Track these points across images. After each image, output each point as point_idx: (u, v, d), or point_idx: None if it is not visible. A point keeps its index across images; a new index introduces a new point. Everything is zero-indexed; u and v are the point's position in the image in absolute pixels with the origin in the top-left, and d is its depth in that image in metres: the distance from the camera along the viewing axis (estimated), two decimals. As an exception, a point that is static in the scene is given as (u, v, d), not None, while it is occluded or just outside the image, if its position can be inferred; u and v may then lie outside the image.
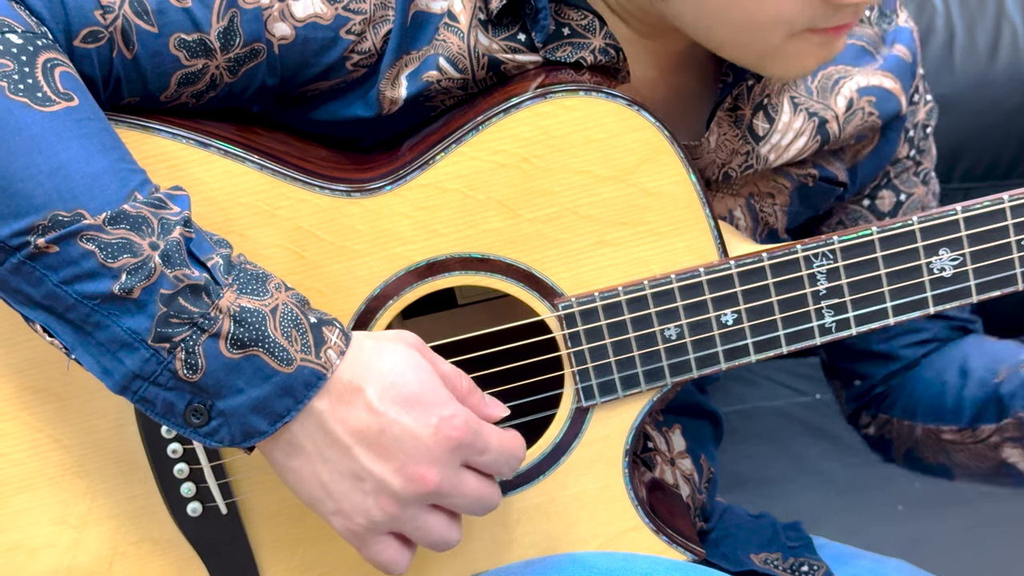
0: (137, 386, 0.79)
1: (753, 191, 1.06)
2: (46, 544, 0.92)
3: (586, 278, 0.93)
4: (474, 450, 0.83)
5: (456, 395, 0.85)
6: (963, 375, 1.13)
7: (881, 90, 1.08)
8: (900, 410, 1.18)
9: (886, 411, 1.20)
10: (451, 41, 0.93)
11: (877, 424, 1.22)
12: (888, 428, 1.20)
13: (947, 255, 0.93)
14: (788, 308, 0.94)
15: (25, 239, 0.76)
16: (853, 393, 1.23)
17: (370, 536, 0.84)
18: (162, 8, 0.86)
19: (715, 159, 1.02)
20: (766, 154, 1.04)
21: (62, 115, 0.78)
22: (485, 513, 0.87)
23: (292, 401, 0.80)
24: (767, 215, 1.07)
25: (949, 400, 1.13)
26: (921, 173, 1.15)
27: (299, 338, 0.80)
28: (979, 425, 1.09)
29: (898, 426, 1.19)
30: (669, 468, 1.08)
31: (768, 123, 1.03)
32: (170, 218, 0.79)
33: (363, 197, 0.90)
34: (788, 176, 1.07)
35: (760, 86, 1.02)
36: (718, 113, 1.01)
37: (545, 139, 0.90)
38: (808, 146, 1.05)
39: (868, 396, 1.22)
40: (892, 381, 1.20)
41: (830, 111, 1.05)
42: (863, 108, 1.07)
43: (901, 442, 1.19)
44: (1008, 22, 2.00)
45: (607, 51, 0.94)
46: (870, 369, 1.20)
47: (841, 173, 1.09)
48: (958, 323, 1.20)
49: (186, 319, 0.78)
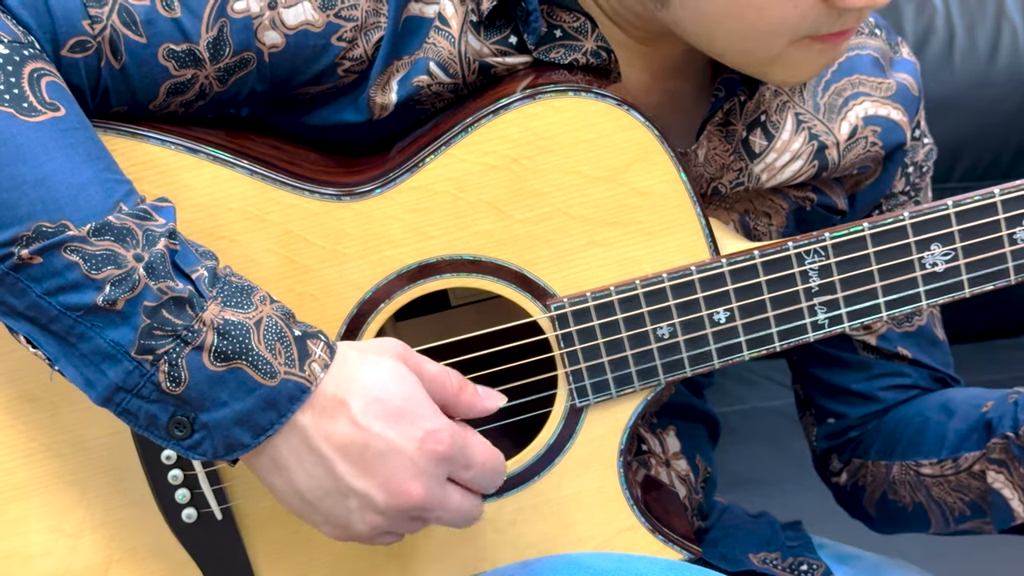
0: (120, 398, 0.79)
1: (748, 208, 1.05)
2: (42, 552, 0.92)
3: (578, 278, 0.93)
4: (459, 464, 0.83)
5: (447, 395, 0.85)
6: (946, 412, 1.09)
7: (888, 121, 1.06)
8: (876, 452, 1.14)
9: (861, 455, 1.16)
10: (441, 45, 0.93)
11: (850, 470, 1.17)
12: (862, 473, 1.16)
13: (939, 250, 0.93)
14: (780, 305, 0.93)
15: (9, 250, 0.76)
16: (825, 431, 1.18)
17: (363, 540, 0.85)
18: (151, 18, 0.86)
19: (703, 173, 1.01)
20: (759, 173, 1.02)
21: (48, 125, 0.78)
22: (466, 526, 0.87)
23: (275, 415, 0.80)
24: (761, 234, 1.06)
25: (931, 435, 1.09)
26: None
27: (283, 351, 0.80)
28: (960, 454, 1.05)
29: (873, 469, 1.14)
30: (664, 470, 1.08)
31: (767, 140, 1.02)
32: (155, 230, 0.79)
33: (353, 201, 0.90)
34: (786, 197, 1.06)
35: (753, 103, 1.01)
36: (708, 127, 1.00)
37: (535, 140, 0.90)
38: (803, 170, 1.03)
39: (842, 438, 1.17)
40: (868, 424, 1.16)
41: (831, 137, 1.03)
42: (866, 137, 1.05)
43: (875, 486, 1.15)
44: (1008, 22, 2.00)
45: (599, 53, 0.94)
46: (846, 408, 1.16)
47: (840, 201, 1.07)
48: (940, 375, 1.15)
49: (169, 331, 0.78)
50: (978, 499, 1.06)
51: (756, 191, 1.05)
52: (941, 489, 1.08)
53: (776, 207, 1.06)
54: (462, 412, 0.86)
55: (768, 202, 1.06)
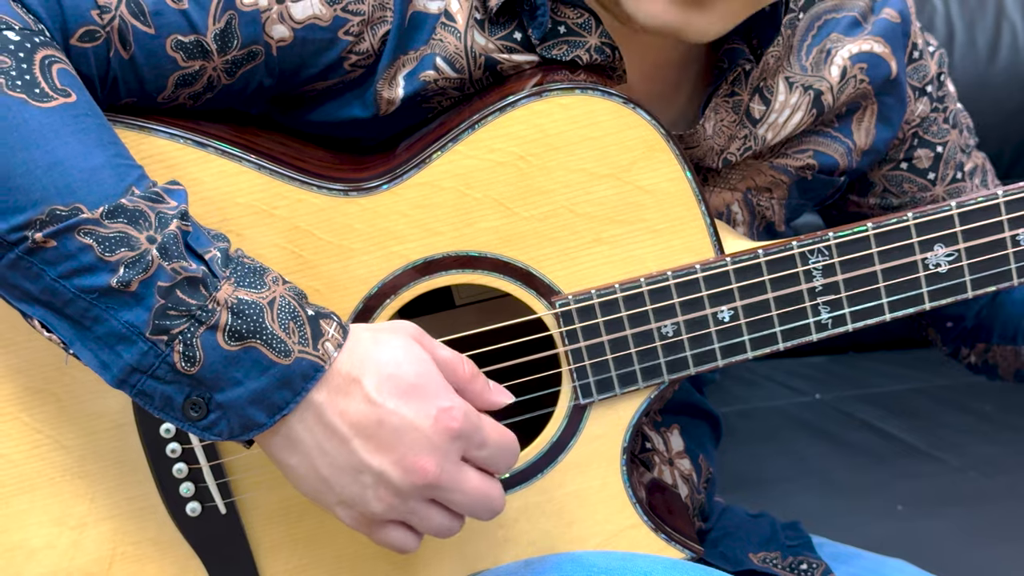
0: (135, 379, 0.79)
1: (751, 185, 1.06)
2: (45, 545, 0.92)
3: (583, 276, 0.93)
4: (473, 443, 0.83)
5: (458, 381, 0.85)
6: None
7: (872, 56, 1.07)
8: (999, 336, 1.19)
9: (984, 339, 1.21)
10: (448, 41, 0.93)
11: (977, 353, 1.23)
12: (991, 355, 1.22)
13: (942, 250, 0.93)
14: (784, 304, 0.94)
15: (23, 234, 0.77)
16: (950, 335, 1.23)
17: (376, 524, 0.85)
18: (159, 9, 0.86)
19: (713, 145, 1.02)
20: (763, 134, 1.04)
21: (59, 111, 0.79)
22: (489, 516, 0.86)
23: (290, 393, 0.80)
24: (764, 209, 1.07)
25: None
26: (949, 118, 1.14)
27: (297, 330, 0.80)
28: None
29: (1000, 351, 1.20)
30: (668, 468, 1.09)
31: (764, 105, 1.04)
32: (167, 212, 0.79)
33: (360, 196, 0.90)
34: (786, 171, 1.07)
35: (759, 71, 1.02)
36: (715, 99, 1.01)
37: (541, 137, 0.90)
38: (804, 120, 1.05)
39: (964, 333, 1.22)
40: (982, 314, 1.20)
41: (824, 82, 1.05)
42: (855, 76, 1.07)
43: (1007, 365, 1.21)
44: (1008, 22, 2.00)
45: (603, 49, 0.95)
46: (960, 310, 1.20)
47: (843, 159, 1.09)
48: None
49: (184, 311, 0.78)
50: None
51: (758, 168, 1.06)
52: None
53: (777, 181, 1.08)
54: (470, 401, 0.86)
55: (769, 178, 1.07)
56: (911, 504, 1.64)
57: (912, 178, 1.14)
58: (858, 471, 1.70)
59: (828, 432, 1.79)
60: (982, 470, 1.72)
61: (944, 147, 1.14)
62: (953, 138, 1.14)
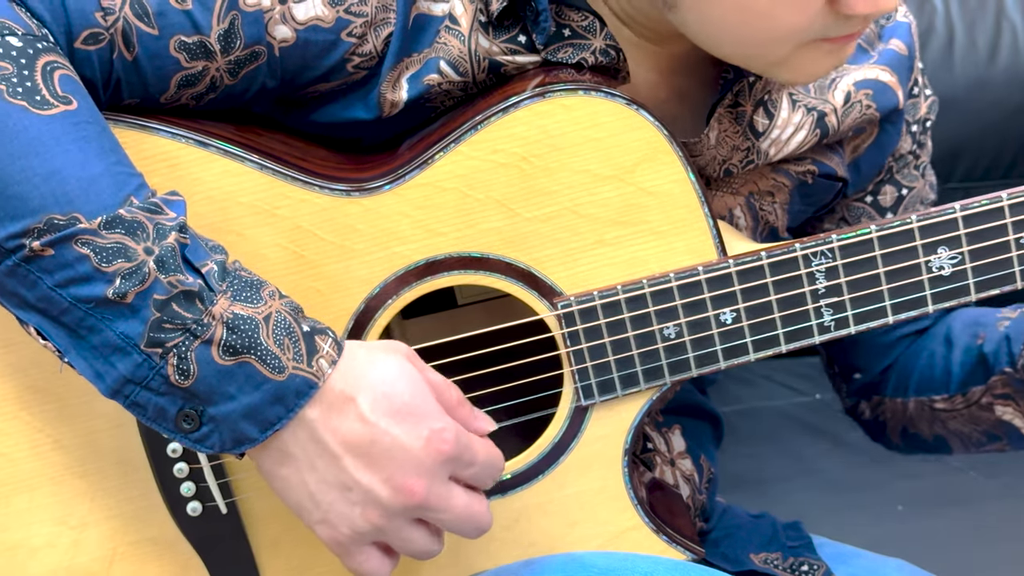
0: (129, 390, 0.79)
1: (753, 190, 1.06)
2: (46, 544, 0.92)
3: (585, 277, 0.93)
4: (462, 463, 0.84)
5: (445, 406, 0.85)
6: (948, 345, 1.13)
7: (878, 83, 1.08)
8: (892, 389, 1.19)
9: (879, 393, 1.21)
10: (452, 44, 0.93)
11: (871, 407, 1.23)
12: (881, 409, 1.21)
13: (946, 253, 0.93)
14: (787, 307, 0.94)
15: (20, 242, 0.77)
16: (854, 387, 1.23)
17: (354, 546, 0.85)
18: (163, 10, 0.86)
19: (716, 155, 1.02)
20: (766, 149, 1.04)
21: (60, 119, 0.78)
22: (476, 534, 0.87)
23: (283, 409, 0.80)
24: (767, 214, 1.07)
25: (937, 370, 1.14)
26: (920, 167, 1.15)
27: (291, 346, 0.80)
28: (968, 388, 1.10)
29: (891, 405, 1.19)
30: (669, 469, 1.08)
31: (767, 119, 1.04)
32: (165, 223, 0.79)
33: (362, 196, 0.90)
34: (787, 174, 1.07)
35: (762, 83, 1.02)
36: (718, 110, 1.01)
37: (544, 138, 0.90)
38: (807, 140, 1.05)
39: (868, 387, 1.22)
40: (888, 371, 1.20)
41: (828, 104, 1.05)
42: (860, 101, 1.07)
43: (896, 421, 1.20)
44: (1008, 22, 2.00)
45: (607, 52, 0.95)
46: (870, 362, 1.20)
47: (840, 168, 1.09)
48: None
49: (179, 324, 0.78)
50: (992, 428, 1.11)
51: (760, 172, 1.06)
52: (956, 422, 1.13)
53: (779, 185, 1.08)
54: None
55: (771, 182, 1.07)
56: (911, 504, 1.64)
57: (872, 213, 1.14)
58: (858, 471, 1.70)
59: (828, 432, 1.79)
60: (982, 470, 1.72)
61: (909, 192, 1.14)
62: (919, 187, 1.15)
